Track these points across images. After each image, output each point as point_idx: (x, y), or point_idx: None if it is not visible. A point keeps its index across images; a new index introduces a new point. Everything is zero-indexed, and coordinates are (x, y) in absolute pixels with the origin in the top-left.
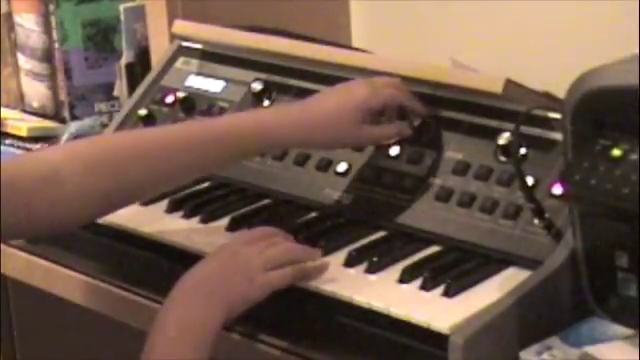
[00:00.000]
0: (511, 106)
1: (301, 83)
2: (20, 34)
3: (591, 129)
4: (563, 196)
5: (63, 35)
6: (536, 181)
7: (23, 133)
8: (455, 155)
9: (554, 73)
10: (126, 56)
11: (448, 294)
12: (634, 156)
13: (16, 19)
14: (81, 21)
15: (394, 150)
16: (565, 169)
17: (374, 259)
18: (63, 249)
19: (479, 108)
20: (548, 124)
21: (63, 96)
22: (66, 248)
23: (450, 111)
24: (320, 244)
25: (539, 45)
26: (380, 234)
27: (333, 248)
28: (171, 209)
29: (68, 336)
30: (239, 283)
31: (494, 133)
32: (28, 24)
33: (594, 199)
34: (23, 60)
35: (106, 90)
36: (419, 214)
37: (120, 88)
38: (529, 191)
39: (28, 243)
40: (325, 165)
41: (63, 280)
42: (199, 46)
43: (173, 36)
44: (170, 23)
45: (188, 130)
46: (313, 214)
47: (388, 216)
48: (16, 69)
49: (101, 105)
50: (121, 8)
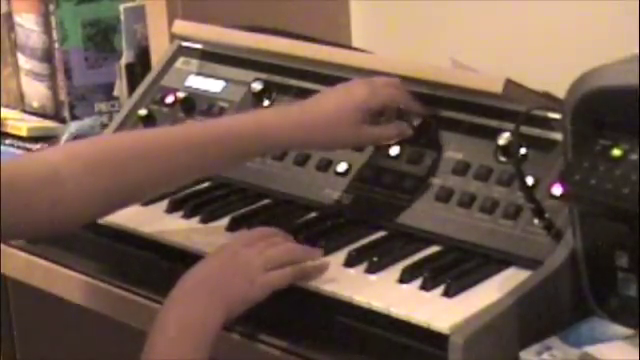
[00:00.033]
0: (511, 106)
1: (301, 83)
2: (20, 34)
3: (591, 129)
4: (563, 196)
5: (63, 35)
6: (536, 181)
7: (23, 133)
8: (455, 155)
9: (554, 73)
10: (126, 56)
11: (448, 294)
12: (634, 156)
13: (16, 19)
14: (81, 21)
15: (394, 150)
16: (565, 169)
17: (374, 259)
18: (63, 249)
19: (479, 108)
20: (548, 124)
21: (63, 96)
22: (66, 248)
23: (450, 111)
24: (320, 244)
25: (539, 45)
26: (380, 234)
27: (333, 248)
28: (171, 209)
29: (68, 336)
30: (239, 283)
31: (494, 133)
32: (28, 24)
33: (594, 199)
34: (23, 60)
35: (106, 90)
36: (419, 214)
37: (120, 88)
38: (529, 191)
39: (28, 243)
40: (325, 165)
41: (63, 280)
42: (199, 46)
43: (173, 36)
44: (170, 23)
45: (188, 131)
46: (313, 214)
47: (388, 216)
48: (16, 69)
49: (101, 105)
50: (121, 8)
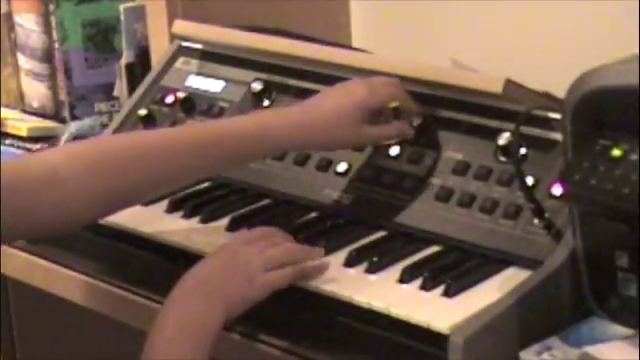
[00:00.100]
0: (511, 106)
1: (301, 83)
2: (20, 34)
3: (591, 129)
4: (563, 196)
5: (63, 35)
6: (536, 181)
7: (23, 133)
8: (455, 155)
9: (554, 73)
10: (126, 56)
11: (448, 294)
12: (634, 156)
13: (16, 19)
14: (81, 21)
15: (394, 150)
16: (565, 169)
17: (374, 259)
18: (63, 249)
19: (479, 108)
20: (548, 124)
21: (63, 96)
22: (66, 248)
23: (450, 111)
24: (320, 244)
25: (539, 45)
26: (380, 234)
27: (333, 248)
28: (171, 209)
29: (68, 336)
30: (239, 283)
31: (494, 133)
32: (28, 24)
33: (594, 199)
34: (23, 60)
35: (106, 90)
36: (419, 214)
37: (120, 88)
38: (529, 191)
39: (28, 243)
40: (325, 165)
41: (63, 280)
42: (199, 46)
43: (173, 36)
44: (170, 23)
45: (188, 132)
46: (313, 214)
47: (388, 216)
48: (16, 69)
49: (101, 105)
50: (121, 8)
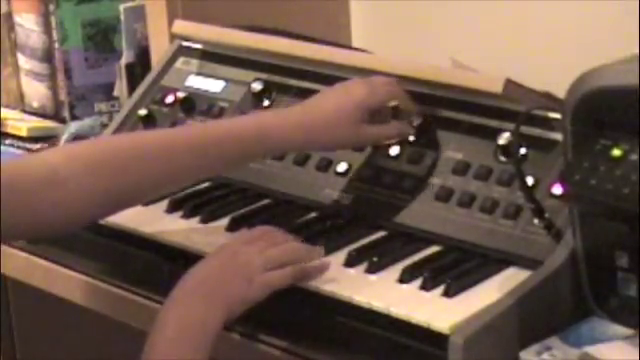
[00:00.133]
0: (511, 106)
1: (301, 83)
2: (20, 34)
3: (591, 129)
4: (563, 196)
5: (63, 35)
6: (536, 181)
7: (23, 133)
8: (455, 155)
9: (554, 73)
10: (126, 56)
11: (448, 294)
12: (634, 156)
13: (16, 19)
14: (81, 21)
15: (394, 150)
16: (565, 169)
17: (374, 259)
18: (63, 249)
19: (479, 108)
20: (548, 124)
21: (63, 96)
22: (66, 248)
23: (450, 111)
24: (320, 244)
25: (539, 45)
26: (380, 234)
27: (333, 248)
28: (171, 209)
29: (68, 336)
30: (239, 283)
31: (494, 133)
32: (28, 24)
33: (594, 199)
34: (23, 60)
35: (106, 90)
36: (419, 214)
37: (120, 88)
38: (529, 191)
39: (28, 243)
40: (325, 165)
41: (63, 280)
42: (199, 46)
43: (173, 36)
44: (170, 23)
45: (188, 132)
46: (313, 214)
47: (388, 216)
48: (16, 69)
49: (101, 105)
50: (121, 8)
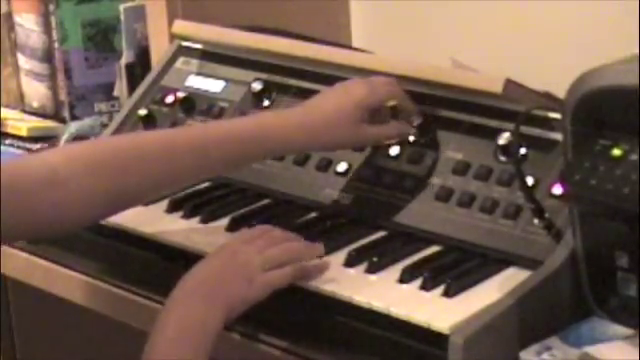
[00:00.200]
0: (511, 106)
1: (301, 83)
2: (20, 34)
3: (591, 129)
4: (563, 196)
5: (63, 35)
6: (536, 181)
7: (23, 133)
8: (455, 155)
9: (554, 73)
10: (126, 56)
11: (448, 294)
12: (634, 156)
13: (16, 19)
14: (81, 21)
15: (394, 150)
16: (565, 169)
17: (374, 259)
18: (63, 249)
19: (479, 108)
20: (548, 124)
21: (63, 96)
22: (66, 248)
23: (450, 111)
24: (320, 244)
25: (539, 45)
26: (380, 234)
27: (333, 248)
28: (171, 209)
29: (68, 336)
30: (239, 284)
31: (494, 133)
32: (28, 24)
33: (594, 199)
34: (23, 60)
35: (106, 90)
36: (419, 214)
37: (120, 88)
38: (529, 191)
39: (28, 243)
40: (325, 165)
41: (63, 280)
42: (199, 46)
43: (173, 36)
44: (170, 23)
45: (189, 133)
46: (313, 214)
47: (388, 216)
48: (16, 69)
49: (101, 105)
50: (121, 8)
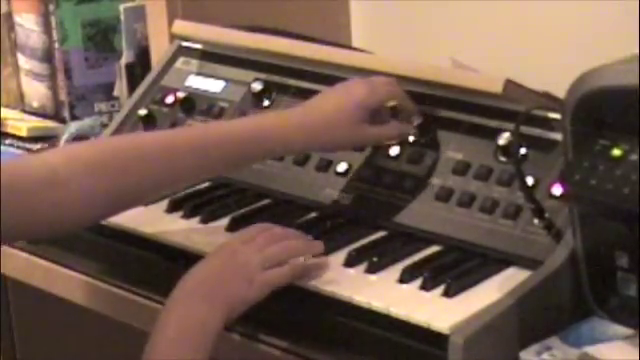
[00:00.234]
0: (511, 106)
1: (301, 83)
2: (20, 34)
3: (591, 129)
4: (563, 196)
5: (63, 35)
6: (536, 181)
7: (23, 133)
8: (455, 155)
9: (554, 73)
10: (126, 56)
11: (448, 294)
12: (634, 156)
13: (16, 19)
14: (81, 21)
15: (394, 150)
16: (565, 169)
17: (374, 259)
18: (63, 249)
19: (479, 108)
20: (548, 124)
21: (63, 96)
22: (66, 248)
23: (450, 111)
24: None
25: (539, 45)
26: (380, 234)
27: (333, 248)
28: (171, 209)
29: (68, 336)
30: (239, 284)
31: (494, 133)
32: (28, 24)
33: (594, 199)
34: (23, 60)
35: (106, 90)
36: (419, 214)
37: (120, 88)
38: (529, 191)
39: (28, 243)
40: (325, 165)
41: (63, 280)
42: (199, 46)
43: (173, 36)
44: (170, 23)
45: (189, 134)
46: (313, 214)
47: (388, 216)
48: (16, 69)
49: (101, 105)
50: (121, 8)
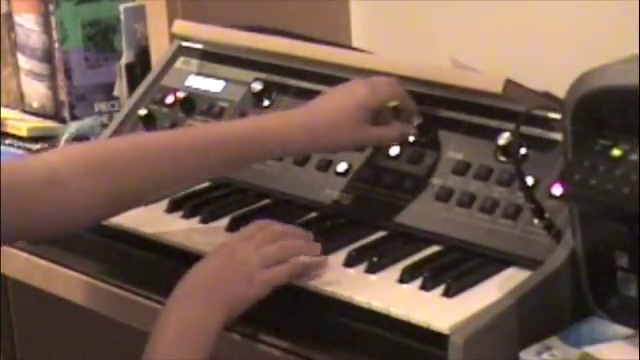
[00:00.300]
0: (511, 106)
1: (301, 83)
2: (20, 34)
3: (591, 129)
4: (563, 196)
5: (63, 35)
6: (536, 181)
7: (23, 133)
8: (455, 155)
9: (554, 73)
10: (126, 56)
11: (448, 294)
12: (634, 156)
13: (16, 19)
14: (81, 21)
15: (394, 150)
16: (565, 169)
17: (374, 259)
18: (63, 249)
19: (479, 108)
20: (548, 124)
21: (63, 96)
22: (66, 248)
23: (450, 111)
24: (320, 244)
25: (539, 45)
26: (380, 234)
27: (333, 248)
28: (171, 209)
29: (68, 336)
30: (239, 283)
31: (494, 133)
32: (28, 24)
33: (594, 199)
34: (23, 60)
35: (106, 90)
36: (419, 214)
37: (120, 88)
38: (529, 191)
39: (28, 243)
40: (325, 165)
41: (63, 280)
42: (199, 46)
43: (173, 36)
44: (170, 23)
45: (189, 134)
46: (313, 214)
47: (388, 216)
48: (16, 69)
49: (101, 105)
50: (121, 8)
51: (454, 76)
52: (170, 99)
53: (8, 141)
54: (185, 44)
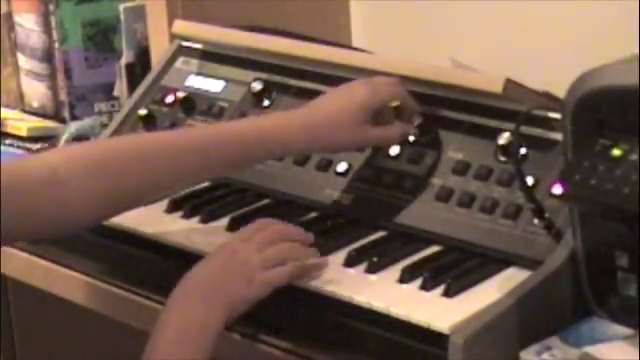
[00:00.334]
0: (511, 106)
1: (301, 83)
2: (20, 34)
3: (591, 129)
4: (563, 196)
5: (63, 35)
6: (536, 181)
7: (23, 133)
8: (455, 155)
9: (554, 73)
10: (126, 56)
11: (448, 294)
12: (634, 156)
13: (16, 19)
14: (81, 21)
15: (394, 150)
16: (565, 169)
17: (374, 259)
18: (63, 249)
19: (479, 108)
20: (548, 124)
21: (63, 96)
22: (66, 248)
23: (450, 111)
24: (320, 244)
25: (539, 45)
26: (380, 234)
27: (333, 248)
28: (171, 209)
29: (68, 336)
30: (239, 283)
31: (494, 133)
32: (28, 24)
33: (594, 199)
34: (23, 60)
35: (106, 90)
36: (419, 214)
37: (120, 88)
38: (529, 191)
39: (28, 243)
40: (325, 165)
41: (63, 280)
42: (199, 46)
43: (173, 36)
44: (170, 23)
45: (190, 134)
46: (313, 214)
47: (388, 216)
48: (16, 69)
49: (101, 105)
50: (121, 8)
51: (454, 76)
52: (170, 99)
53: (8, 141)
54: (185, 44)
